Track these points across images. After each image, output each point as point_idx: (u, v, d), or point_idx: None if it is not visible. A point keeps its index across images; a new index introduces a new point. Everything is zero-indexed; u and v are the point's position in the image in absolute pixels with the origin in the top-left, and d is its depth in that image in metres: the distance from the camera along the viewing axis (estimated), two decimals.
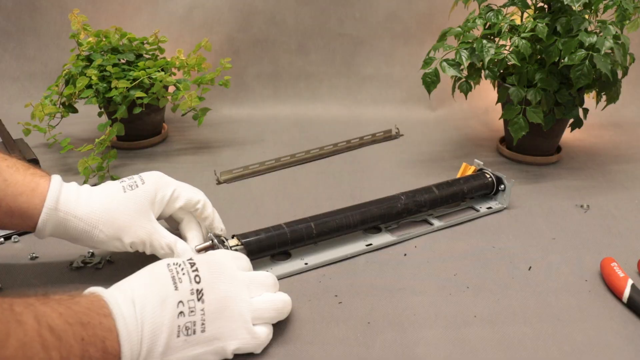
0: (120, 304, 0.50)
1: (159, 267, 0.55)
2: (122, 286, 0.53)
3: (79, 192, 0.63)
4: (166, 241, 0.64)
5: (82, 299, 0.50)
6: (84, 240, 0.63)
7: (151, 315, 0.51)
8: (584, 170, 0.96)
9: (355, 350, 0.58)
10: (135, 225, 0.63)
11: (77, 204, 0.61)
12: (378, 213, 0.75)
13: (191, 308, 0.53)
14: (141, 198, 0.64)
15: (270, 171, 0.96)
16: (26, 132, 0.97)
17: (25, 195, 0.60)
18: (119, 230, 0.62)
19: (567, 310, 0.63)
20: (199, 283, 0.54)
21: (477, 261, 0.72)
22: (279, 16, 1.19)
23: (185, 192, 0.67)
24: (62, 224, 0.61)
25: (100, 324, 0.48)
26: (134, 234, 0.63)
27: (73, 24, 0.99)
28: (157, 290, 0.52)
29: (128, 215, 0.63)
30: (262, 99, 1.22)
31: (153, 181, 0.66)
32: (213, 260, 0.57)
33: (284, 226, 0.70)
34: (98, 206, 0.62)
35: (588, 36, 0.82)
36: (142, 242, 0.63)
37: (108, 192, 0.63)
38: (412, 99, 1.21)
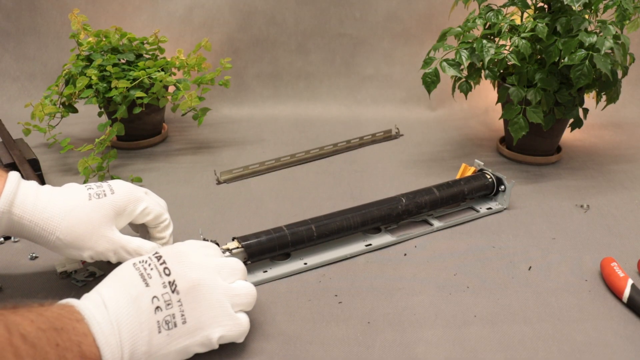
0: (92, 309, 0.49)
1: (124, 269, 0.54)
2: (90, 295, 0.51)
3: (37, 195, 0.59)
4: (131, 248, 0.62)
5: (53, 307, 0.48)
6: (40, 244, 0.60)
7: (126, 316, 0.49)
8: (584, 170, 0.96)
9: (355, 350, 0.58)
10: (95, 236, 0.60)
11: (35, 208, 0.58)
12: (378, 214, 0.75)
13: (167, 301, 0.52)
14: (107, 209, 0.61)
15: (270, 171, 0.96)
16: (26, 132, 0.97)
17: None
18: (77, 241, 0.59)
19: (567, 310, 0.63)
20: (169, 275, 0.53)
21: (477, 261, 0.72)
22: (279, 16, 1.19)
23: (155, 210, 0.65)
24: (16, 227, 0.58)
25: (74, 329, 0.46)
26: (96, 245, 0.60)
27: (73, 24, 0.99)
28: (127, 290, 0.51)
29: (90, 225, 0.60)
30: (262, 99, 1.22)
31: (124, 193, 0.63)
32: (179, 251, 0.56)
33: (285, 228, 0.70)
34: (57, 212, 0.59)
35: (588, 36, 0.82)
36: (104, 252, 0.61)
37: (70, 198, 0.60)
38: (412, 99, 1.21)
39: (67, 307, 0.49)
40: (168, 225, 0.67)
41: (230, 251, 0.67)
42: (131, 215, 0.63)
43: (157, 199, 0.67)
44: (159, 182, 0.91)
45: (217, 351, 0.58)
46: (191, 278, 0.54)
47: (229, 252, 0.67)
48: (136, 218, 0.64)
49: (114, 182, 0.64)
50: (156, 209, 0.65)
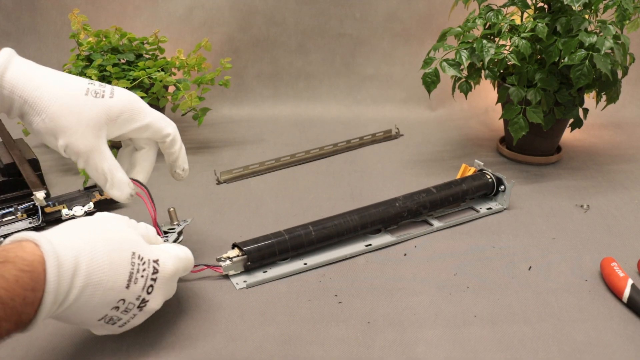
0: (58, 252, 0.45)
1: (122, 254, 0.50)
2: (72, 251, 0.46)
3: (32, 72, 0.56)
4: (105, 165, 0.59)
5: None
6: (24, 122, 0.58)
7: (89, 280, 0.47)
8: (584, 170, 0.96)
9: (355, 350, 0.58)
10: (78, 133, 0.56)
11: (27, 85, 0.55)
12: (378, 216, 0.75)
13: (127, 310, 0.51)
14: (99, 111, 0.57)
15: (270, 171, 0.96)
16: (26, 132, 0.97)
17: None
18: (58, 129, 0.56)
19: (567, 310, 0.63)
20: (149, 294, 0.52)
21: (477, 261, 0.72)
22: (279, 16, 1.19)
23: (156, 124, 0.61)
24: (6, 102, 0.56)
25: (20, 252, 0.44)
26: (73, 141, 0.56)
27: (73, 24, 0.99)
28: (107, 278, 0.48)
29: (77, 120, 0.56)
30: (262, 99, 1.22)
31: (123, 101, 0.59)
32: (172, 275, 0.55)
33: (284, 233, 0.70)
34: (49, 95, 0.55)
35: (588, 36, 0.82)
36: (77, 152, 0.57)
37: (67, 85, 0.57)
38: (412, 99, 1.21)
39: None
40: (173, 141, 0.63)
41: (231, 259, 0.67)
42: (124, 126, 0.59)
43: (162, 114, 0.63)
44: (159, 182, 0.91)
45: (217, 351, 0.58)
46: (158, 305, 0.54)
47: (230, 261, 0.67)
48: (135, 132, 0.60)
49: (119, 88, 0.60)
50: (157, 124, 0.61)
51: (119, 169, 0.60)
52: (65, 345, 0.58)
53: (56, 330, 0.60)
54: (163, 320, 0.62)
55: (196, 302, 0.65)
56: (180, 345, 0.58)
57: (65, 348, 0.58)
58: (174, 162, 0.65)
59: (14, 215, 0.77)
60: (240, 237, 0.75)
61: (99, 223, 0.52)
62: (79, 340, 0.59)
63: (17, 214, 0.77)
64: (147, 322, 0.61)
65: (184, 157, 0.66)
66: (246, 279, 0.68)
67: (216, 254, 0.70)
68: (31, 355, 0.57)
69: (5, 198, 0.81)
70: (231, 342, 0.59)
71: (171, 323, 0.61)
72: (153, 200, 0.64)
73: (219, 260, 0.68)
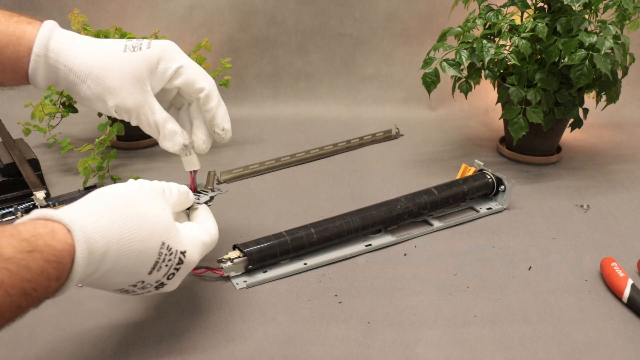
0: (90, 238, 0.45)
1: (151, 243, 0.50)
2: (99, 233, 0.46)
3: (74, 40, 0.56)
4: (155, 118, 0.58)
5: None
6: (72, 93, 0.58)
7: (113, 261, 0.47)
8: (584, 170, 0.96)
9: (355, 350, 0.58)
10: (124, 91, 0.56)
11: (69, 53, 0.56)
12: (378, 217, 0.75)
13: (144, 288, 0.51)
14: (140, 62, 0.57)
15: (270, 171, 0.96)
16: (26, 132, 0.97)
17: (12, 45, 0.55)
18: (105, 91, 0.56)
19: (567, 310, 0.63)
20: (168, 280, 0.52)
21: (477, 261, 0.72)
22: (279, 16, 1.19)
23: (190, 73, 0.60)
24: (53, 73, 0.56)
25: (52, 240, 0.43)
26: (120, 99, 0.57)
27: (73, 24, 0.99)
28: (132, 264, 0.48)
29: (120, 77, 0.56)
30: (262, 99, 1.22)
31: (160, 49, 0.58)
32: (193, 265, 0.55)
33: (285, 234, 0.70)
34: (91, 60, 0.56)
35: (588, 36, 0.82)
36: (127, 110, 0.57)
37: (106, 48, 0.57)
38: (412, 99, 1.21)
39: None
40: (208, 97, 0.61)
41: (232, 261, 0.67)
42: (164, 74, 0.58)
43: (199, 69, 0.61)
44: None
45: (217, 351, 0.58)
46: (174, 288, 0.54)
47: (231, 262, 0.67)
48: (170, 80, 0.59)
49: (158, 40, 0.60)
50: (191, 72, 0.60)
51: (170, 120, 0.59)
52: (65, 345, 0.58)
53: (56, 330, 0.60)
54: (163, 320, 0.62)
55: (196, 302, 0.65)
56: (181, 346, 0.58)
57: (65, 348, 0.58)
58: (211, 121, 0.62)
59: (14, 215, 0.77)
60: (240, 237, 0.75)
61: (133, 202, 0.50)
62: (79, 341, 0.59)
63: (17, 214, 0.77)
64: (147, 321, 0.61)
65: (223, 116, 0.62)
66: (246, 279, 0.68)
67: (217, 254, 0.70)
68: (31, 355, 0.57)
69: (5, 198, 0.81)
70: (231, 342, 0.59)
71: (171, 323, 0.61)
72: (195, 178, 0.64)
73: (220, 262, 0.68)
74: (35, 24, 0.56)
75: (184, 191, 0.59)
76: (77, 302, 0.62)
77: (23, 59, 0.55)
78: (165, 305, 0.64)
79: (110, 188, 0.51)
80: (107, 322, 0.61)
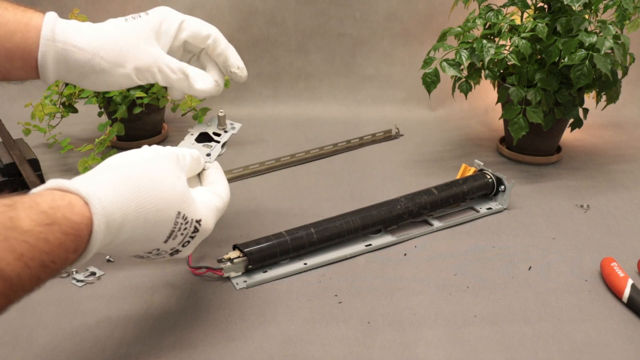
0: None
1: (167, 213, 0.51)
2: (114, 204, 0.46)
3: (78, 23, 0.59)
4: (178, 65, 0.61)
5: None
6: (86, 75, 0.59)
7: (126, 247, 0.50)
8: (584, 170, 0.96)
9: (355, 350, 0.58)
10: (139, 50, 0.59)
11: (76, 33, 0.58)
12: (378, 217, 0.75)
13: (159, 254, 0.54)
14: (144, 26, 0.60)
15: (270, 171, 0.96)
16: (26, 132, 0.97)
17: (20, 32, 0.56)
18: (120, 55, 0.58)
19: (567, 310, 0.63)
20: (184, 247, 0.54)
21: (477, 261, 0.72)
22: (279, 16, 1.19)
23: (193, 24, 0.63)
24: (62, 57, 0.57)
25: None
26: (137, 58, 0.59)
27: None
28: (148, 234, 0.50)
29: (131, 39, 0.59)
30: (262, 99, 1.22)
31: (158, 12, 0.62)
32: (208, 232, 0.56)
33: (285, 234, 0.70)
34: (99, 35, 0.58)
35: (588, 36, 0.82)
36: (148, 67, 0.60)
37: (109, 24, 0.61)
38: (412, 99, 1.21)
39: None
40: (216, 41, 0.63)
41: (232, 260, 0.67)
42: (169, 32, 0.61)
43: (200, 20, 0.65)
44: None
45: (217, 351, 0.58)
46: (188, 254, 0.56)
47: (230, 262, 0.67)
48: (177, 37, 0.62)
49: (151, 10, 0.63)
50: (194, 24, 0.63)
51: (191, 66, 0.62)
52: (65, 346, 0.58)
53: (56, 330, 0.60)
54: (163, 320, 0.62)
55: (196, 302, 0.65)
56: (181, 345, 0.58)
57: (65, 348, 0.58)
58: (225, 63, 0.65)
59: None
60: (240, 237, 0.75)
61: (149, 172, 0.51)
62: (79, 340, 0.59)
63: None
64: (147, 321, 0.61)
65: (235, 55, 0.65)
66: (246, 279, 0.68)
67: (217, 254, 0.70)
68: (31, 355, 0.57)
69: None
70: (231, 342, 0.59)
71: (171, 323, 0.61)
72: None
73: (220, 262, 0.68)
74: (40, 14, 0.57)
75: (196, 157, 0.60)
76: (77, 302, 0.62)
77: (32, 46, 0.56)
78: (166, 305, 0.64)
79: (126, 156, 0.52)
80: (107, 322, 0.61)
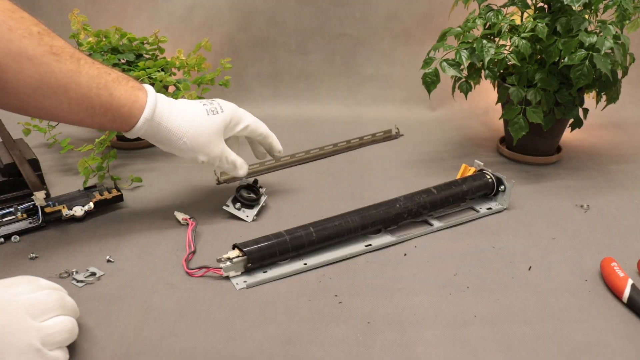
0: None
1: None
2: None
3: (171, 107, 0.72)
4: (233, 158, 0.78)
5: None
6: (166, 146, 0.74)
7: None
8: (584, 170, 0.96)
9: (355, 350, 0.58)
10: (212, 144, 0.74)
11: (169, 118, 0.72)
12: (379, 217, 0.75)
13: None
14: (219, 123, 0.75)
15: (270, 171, 0.96)
16: (26, 132, 0.97)
17: (127, 107, 0.69)
18: (198, 146, 0.73)
19: (567, 310, 0.63)
20: None
21: (477, 261, 0.72)
22: (279, 16, 1.19)
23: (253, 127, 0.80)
24: (153, 132, 0.72)
25: None
26: (210, 151, 0.74)
27: (73, 24, 0.99)
28: None
29: (209, 135, 0.74)
30: (262, 99, 1.22)
31: (230, 112, 0.77)
32: None
33: (284, 233, 0.70)
34: (185, 123, 0.72)
35: (588, 36, 0.82)
36: (214, 158, 0.75)
37: (194, 112, 0.73)
38: (412, 99, 1.21)
39: None
40: (267, 136, 0.82)
41: (231, 260, 0.67)
42: (233, 129, 0.77)
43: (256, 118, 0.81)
44: (159, 182, 0.91)
45: (217, 351, 0.58)
46: None
47: (230, 262, 0.67)
48: (238, 132, 0.78)
49: (221, 101, 0.77)
50: (254, 125, 0.80)
51: (238, 157, 0.79)
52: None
53: None
54: (163, 320, 0.62)
55: (196, 302, 0.65)
56: (181, 346, 0.58)
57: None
58: (270, 148, 0.83)
59: (14, 215, 0.77)
60: (240, 237, 0.75)
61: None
62: (78, 340, 0.58)
63: (17, 214, 0.77)
64: (147, 321, 0.61)
65: (277, 143, 0.83)
66: (246, 279, 0.68)
67: (216, 254, 0.70)
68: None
69: (5, 198, 0.81)
70: (231, 342, 0.59)
71: (171, 323, 0.61)
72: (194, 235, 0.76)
73: (219, 261, 0.68)
74: (144, 91, 0.71)
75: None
76: (77, 302, 0.62)
77: (133, 118, 0.70)
78: (166, 305, 0.64)
79: None
80: (107, 322, 0.61)
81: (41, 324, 0.53)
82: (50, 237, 0.76)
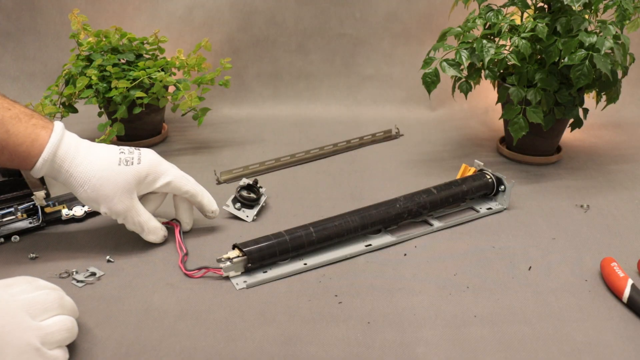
0: None
1: None
2: None
3: (77, 150, 0.67)
4: (140, 219, 0.70)
5: None
6: (69, 189, 0.68)
7: None
8: (584, 170, 0.96)
9: (355, 350, 0.58)
10: (116, 198, 0.67)
11: (73, 162, 0.66)
12: (378, 217, 0.75)
13: None
14: (130, 176, 0.68)
15: (270, 171, 0.96)
16: None
17: (26, 145, 0.64)
18: (100, 197, 0.67)
19: (567, 310, 0.63)
20: None
21: (477, 261, 0.72)
22: (279, 16, 1.19)
23: (176, 183, 0.72)
24: (54, 173, 0.67)
25: None
26: (112, 205, 0.68)
27: (73, 24, 0.99)
28: None
29: (114, 188, 0.67)
30: (262, 99, 1.22)
31: (149, 165, 0.70)
32: None
33: (284, 233, 0.70)
34: (90, 170, 0.66)
35: (588, 36, 0.82)
36: (117, 213, 0.68)
37: (103, 159, 0.67)
38: (412, 99, 1.21)
39: None
40: (194, 194, 0.73)
41: (231, 260, 0.67)
42: (150, 185, 0.70)
43: (182, 173, 0.73)
44: None
45: (217, 351, 0.58)
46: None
47: (230, 262, 0.67)
48: (158, 188, 0.71)
49: (144, 151, 0.70)
50: (177, 182, 0.72)
51: (151, 218, 0.71)
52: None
53: None
54: (163, 320, 0.62)
55: (196, 302, 0.65)
56: (181, 346, 0.58)
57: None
58: (201, 209, 0.75)
59: (14, 215, 0.77)
60: (240, 237, 0.75)
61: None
62: (78, 340, 0.58)
63: (17, 214, 0.77)
64: (147, 322, 0.61)
65: (209, 202, 0.75)
66: (246, 279, 0.68)
67: (216, 254, 0.70)
68: None
69: (5, 198, 0.81)
70: (231, 342, 0.59)
71: (171, 323, 0.61)
72: (182, 236, 0.74)
73: (219, 261, 0.68)
74: (48, 129, 0.65)
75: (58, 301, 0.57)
76: (77, 302, 0.62)
77: (32, 158, 0.65)
78: (166, 305, 0.64)
79: None
80: (107, 322, 0.61)
81: (40, 323, 0.53)
82: (50, 237, 0.76)
